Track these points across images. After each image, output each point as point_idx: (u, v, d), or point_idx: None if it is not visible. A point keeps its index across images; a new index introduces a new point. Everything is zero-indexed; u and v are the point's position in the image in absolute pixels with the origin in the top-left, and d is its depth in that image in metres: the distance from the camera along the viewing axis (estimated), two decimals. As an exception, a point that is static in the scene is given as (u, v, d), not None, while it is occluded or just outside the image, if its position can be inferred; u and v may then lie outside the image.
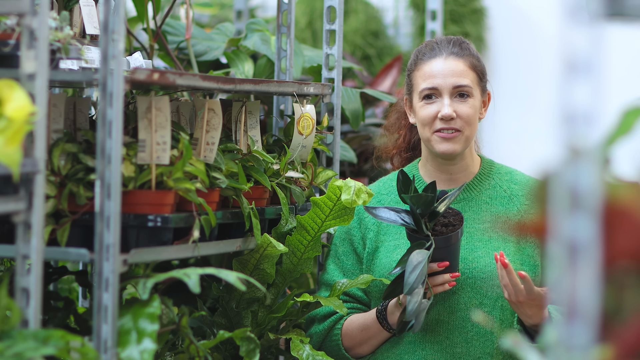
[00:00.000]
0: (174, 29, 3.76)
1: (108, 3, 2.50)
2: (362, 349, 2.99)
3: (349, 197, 2.87)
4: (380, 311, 2.93)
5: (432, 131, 2.94)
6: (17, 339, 2.27)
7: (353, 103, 3.70)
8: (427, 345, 2.94)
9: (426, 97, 2.96)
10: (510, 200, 3.00)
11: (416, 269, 2.73)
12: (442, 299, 2.92)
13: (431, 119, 2.94)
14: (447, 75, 2.95)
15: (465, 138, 2.95)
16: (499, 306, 2.92)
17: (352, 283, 2.95)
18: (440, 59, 2.97)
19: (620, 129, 1.65)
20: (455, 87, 2.94)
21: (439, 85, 2.94)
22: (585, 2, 1.49)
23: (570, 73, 1.50)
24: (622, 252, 1.51)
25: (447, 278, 2.83)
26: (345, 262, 3.04)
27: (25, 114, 2.24)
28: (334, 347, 2.99)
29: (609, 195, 1.52)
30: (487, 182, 3.02)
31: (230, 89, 2.85)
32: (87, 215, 2.54)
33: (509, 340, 1.76)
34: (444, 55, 2.97)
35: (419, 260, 2.74)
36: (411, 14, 5.86)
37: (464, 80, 2.95)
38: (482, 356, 2.92)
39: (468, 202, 3.01)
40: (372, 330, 2.95)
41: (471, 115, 2.94)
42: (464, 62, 2.97)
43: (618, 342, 1.52)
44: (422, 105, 2.96)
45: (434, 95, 2.95)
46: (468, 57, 2.99)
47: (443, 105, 2.93)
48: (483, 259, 2.92)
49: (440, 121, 2.93)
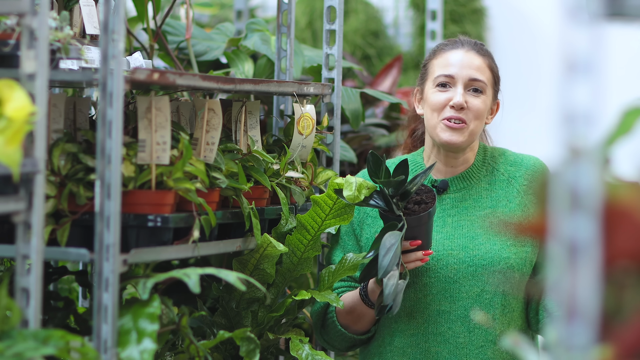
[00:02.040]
0: (174, 29, 3.76)
1: (108, 3, 2.50)
2: (357, 327, 3.01)
3: (351, 193, 2.86)
4: (362, 290, 2.95)
5: (440, 118, 2.95)
6: (17, 339, 2.27)
7: (353, 103, 3.70)
8: (429, 337, 2.95)
9: (440, 84, 2.97)
10: (509, 182, 3.01)
11: (389, 251, 2.74)
12: (443, 288, 2.93)
13: (442, 105, 2.95)
14: (465, 66, 2.97)
15: (470, 132, 2.96)
16: (499, 293, 2.93)
17: (338, 268, 2.96)
18: (462, 51, 3.00)
19: (620, 129, 1.65)
20: (471, 79, 2.96)
21: (456, 74, 2.96)
22: (585, 2, 1.49)
23: (570, 73, 1.49)
24: (622, 252, 1.51)
25: (420, 255, 2.85)
26: (346, 242, 3.06)
27: (25, 114, 2.24)
28: (332, 326, 3.02)
29: (609, 195, 1.52)
30: (485, 168, 3.04)
31: (230, 89, 2.85)
32: (87, 215, 2.54)
33: (509, 340, 1.76)
34: (465, 48, 3.01)
35: (392, 242, 2.75)
36: (411, 14, 5.86)
37: (481, 75, 2.97)
38: (485, 344, 2.93)
39: (468, 190, 3.02)
40: (359, 310, 2.97)
41: (481, 110, 2.96)
42: (484, 59, 3.00)
43: (618, 342, 1.52)
44: (435, 91, 2.97)
45: (449, 85, 2.96)
46: (488, 58, 3.03)
47: (456, 94, 2.94)
48: (484, 246, 2.93)
49: (450, 109, 2.94)
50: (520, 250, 2.92)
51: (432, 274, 2.93)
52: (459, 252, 2.93)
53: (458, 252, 2.93)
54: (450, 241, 2.95)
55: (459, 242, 2.95)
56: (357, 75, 4.62)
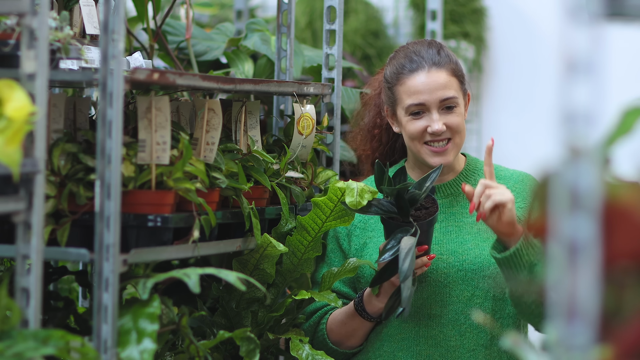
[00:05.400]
0: (174, 29, 3.76)
1: (108, 3, 2.50)
2: (350, 342, 3.00)
3: (353, 199, 2.86)
4: (357, 303, 2.95)
5: (422, 143, 2.96)
6: (17, 339, 2.27)
7: (353, 103, 3.71)
8: (420, 340, 2.95)
9: (413, 113, 2.96)
10: None
11: (407, 255, 2.74)
12: (434, 292, 2.94)
13: (420, 133, 2.95)
14: (433, 89, 2.93)
15: (456, 146, 2.97)
16: (490, 297, 2.93)
17: (340, 270, 2.95)
18: (423, 73, 2.95)
19: (620, 129, 1.65)
20: (442, 100, 2.94)
21: (426, 100, 2.94)
22: (585, 2, 1.49)
23: (570, 73, 1.50)
24: (622, 252, 1.51)
25: (425, 260, 2.86)
26: (332, 259, 3.06)
27: (25, 114, 2.24)
28: (322, 343, 3.01)
29: (609, 195, 1.52)
30: (473, 178, 3.04)
31: (230, 89, 2.85)
32: (87, 215, 2.54)
33: (509, 340, 1.76)
34: (425, 68, 2.95)
35: (409, 247, 2.75)
36: (411, 14, 5.85)
37: (450, 92, 2.94)
38: (477, 348, 2.94)
39: (455, 197, 3.03)
40: (354, 322, 2.97)
41: (460, 124, 2.96)
42: (446, 71, 2.96)
43: (618, 342, 1.52)
44: (410, 119, 2.96)
45: (422, 111, 2.95)
46: (448, 65, 2.97)
47: (432, 121, 2.93)
48: (473, 251, 2.94)
49: (430, 135, 2.94)
50: None
51: (423, 279, 2.94)
52: (448, 256, 2.94)
53: (447, 256, 2.94)
54: (440, 246, 2.96)
55: (448, 247, 2.96)
56: (357, 75, 4.62)
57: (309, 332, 3.04)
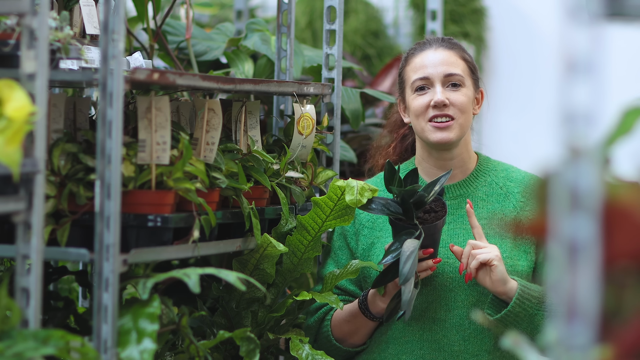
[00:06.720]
0: (174, 29, 3.76)
1: (108, 3, 2.50)
2: (353, 340, 3.00)
3: (353, 197, 2.86)
4: (361, 302, 2.95)
5: (426, 120, 2.94)
6: (17, 339, 2.27)
7: (353, 103, 3.70)
8: (424, 344, 2.94)
9: (418, 88, 2.96)
10: (507, 197, 3.00)
11: (409, 258, 2.73)
12: (439, 297, 2.92)
13: (424, 108, 2.94)
14: (438, 64, 2.95)
15: (460, 126, 2.94)
16: None
17: (343, 272, 2.95)
18: (431, 50, 2.99)
19: (620, 129, 1.65)
20: (446, 75, 2.94)
21: (430, 74, 2.94)
22: (585, 2, 1.49)
23: (570, 73, 1.50)
24: (622, 252, 1.51)
25: (430, 264, 2.85)
26: (340, 257, 3.05)
27: (25, 114, 2.24)
28: (325, 340, 3.00)
29: (609, 195, 1.52)
30: (483, 179, 3.02)
31: (230, 89, 2.85)
32: (87, 215, 2.54)
33: (509, 340, 1.76)
34: (434, 46, 3.00)
35: (411, 250, 2.75)
36: (411, 14, 5.86)
37: (455, 69, 2.95)
38: (480, 353, 2.93)
39: (464, 198, 3.01)
40: (358, 321, 2.97)
41: (465, 103, 2.94)
42: (455, 53, 2.99)
43: (618, 342, 1.52)
44: (415, 97, 2.96)
45: (426, 87, 2.95)
46: (458, 50, 3.01)
47: (435, 93, 2.93)
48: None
49: (433, 109, 2.93)
50: (515, 264, 2.91)
51: (428, 282, 2.92)
52: (455, 260, 2.91)
53: (454, 260, 2.92)
54: (446, 249, 2.93)
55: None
56: (357, 75, 4.62)
57: (313, 328, 3.03)
